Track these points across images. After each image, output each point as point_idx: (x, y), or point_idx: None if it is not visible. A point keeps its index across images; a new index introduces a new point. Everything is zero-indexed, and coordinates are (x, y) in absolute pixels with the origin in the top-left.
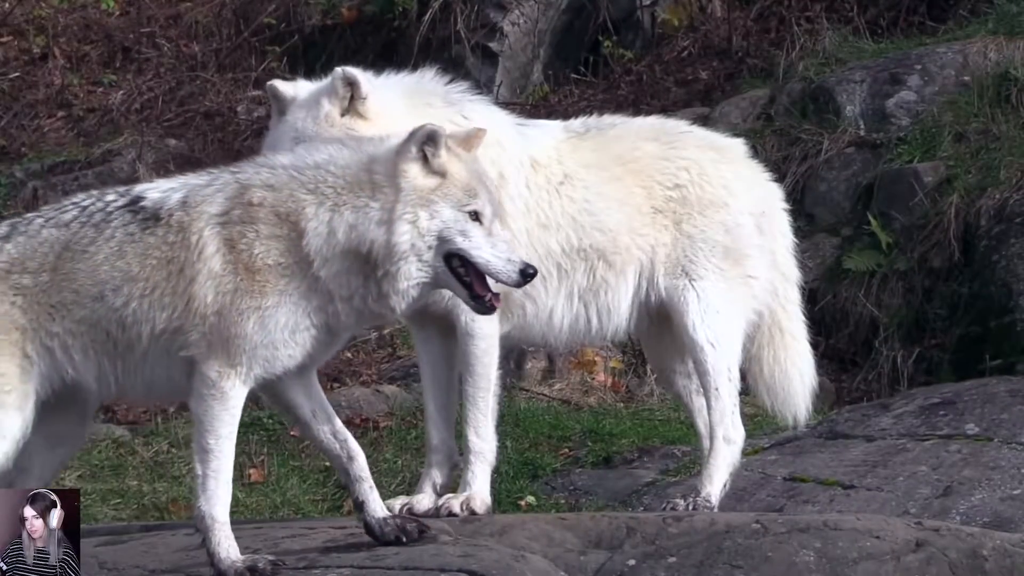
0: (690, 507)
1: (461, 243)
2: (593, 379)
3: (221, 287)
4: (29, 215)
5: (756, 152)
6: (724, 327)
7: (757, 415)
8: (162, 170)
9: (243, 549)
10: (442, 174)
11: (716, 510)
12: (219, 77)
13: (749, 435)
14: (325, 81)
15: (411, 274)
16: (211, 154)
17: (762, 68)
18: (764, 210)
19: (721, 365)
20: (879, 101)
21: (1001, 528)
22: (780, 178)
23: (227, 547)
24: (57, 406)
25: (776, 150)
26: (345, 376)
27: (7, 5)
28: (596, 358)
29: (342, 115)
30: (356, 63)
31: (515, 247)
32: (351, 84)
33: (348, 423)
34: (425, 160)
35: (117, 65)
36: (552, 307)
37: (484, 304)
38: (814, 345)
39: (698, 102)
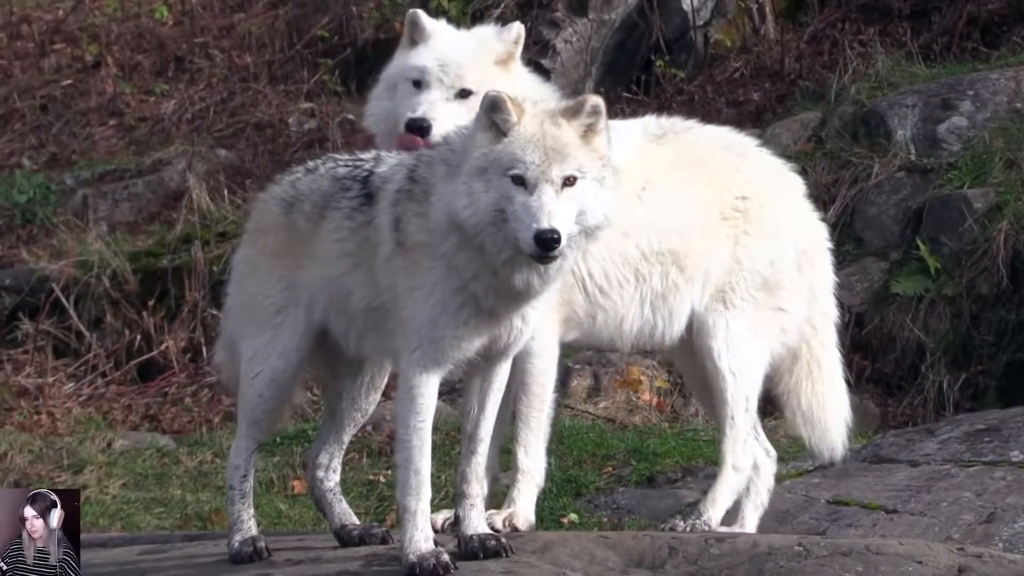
0: (688, 528)
1: (507, 209)
2: (638, 398)
3: (391, 267)
4: (323, 159)
5: (806, 174)
6: (748, 357)
7: (802, 437)
8: (212, 180)
9: (285, 561)
10: (500, 139)
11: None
12: (271, 89)
13: (793, 458)
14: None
15: (497, 244)
16: (261, 165)
17: (814, 91)
18: (808, 248)
19: (740, 395)
20: (930, 126)
21: None
22: (830, 201)
23: (420, 538)
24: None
25: (827, 173)
26: (391, 390)
27: (60, 13)
28: (642, 377)
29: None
30: None
31: (551, 211)
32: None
33: (392, 437)
34: (494, 127)
35: (169, 75)
36: (624, 314)
37: (542, 259)
38: (860, 368)
39: (750, 123)
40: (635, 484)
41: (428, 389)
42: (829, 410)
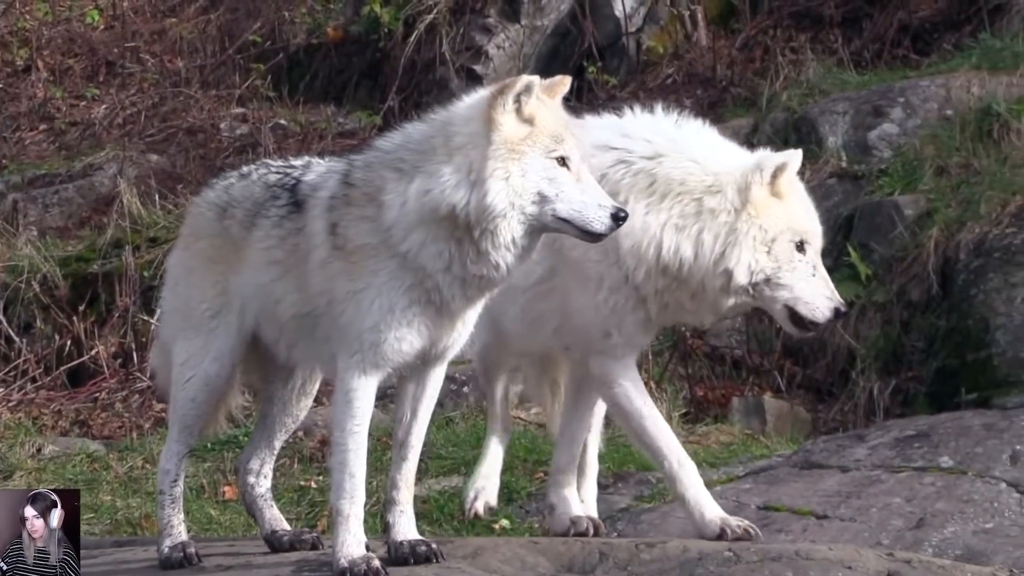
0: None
1: (549, 191)
2: None
3: (327, 272)
4: (257, 164)
5: None
6: None
7: (732, 443)
8: (143, 185)
9: (215, 567)
10: (531, 122)
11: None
12: (202, 93)
13: (724, 463)
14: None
15: (513, 227)
16: (193, 170)
17: (746, 97)
18: None
19: None
20: (861, 133)
21: (973, 561)
22: None
23: (351, 543)
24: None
25: None
26: (323, 396)
27: None
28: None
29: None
30: (341, 83)
31: (603, 191)
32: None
33: (324, 443)
34: (518, 110)
35: (100, 79)
36: None
37: (601, 238)
38: (792, 374)
39: None
40: None
41: (366, 393)
42: None
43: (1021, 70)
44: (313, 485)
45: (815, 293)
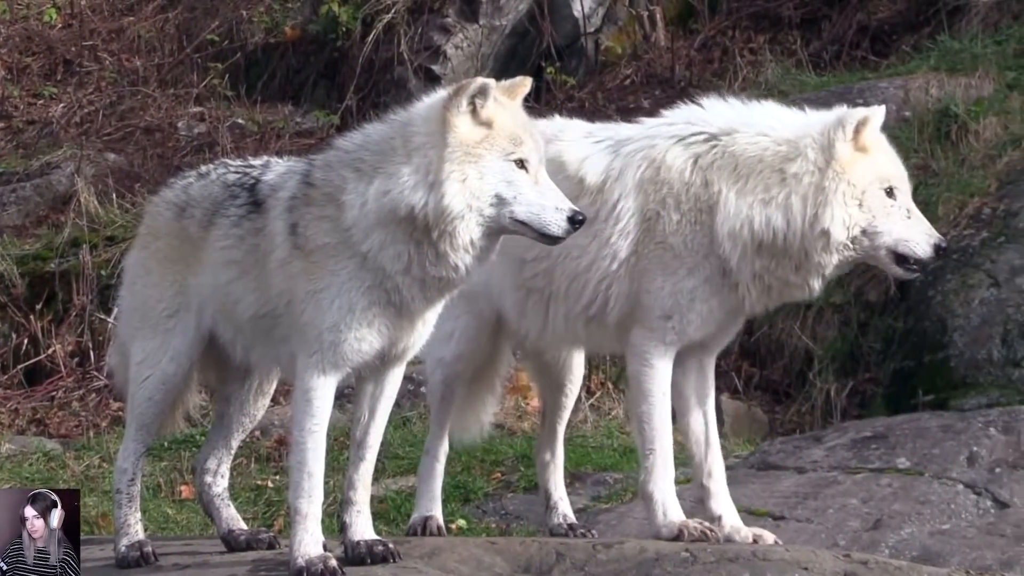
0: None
1: (507, 194)
2: (527, 404)
3: (287, 272)
4: (215, 163)
5: None
6: None
7: (680, 450)
8: (100, 184)
9: (172, 566)
10: (489, 124)
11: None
12: (160, 92)
13: (681, 464)
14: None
15: (471, 229)
16: (150, 170)
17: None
18: None
19: None
20: None
21: (929, 562)
22: None
23: (309, 542)
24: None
25: None
26: (280, 395)
27: None
28: (531, 383)
29: None
30: (298, 83)
31: (561, 193)
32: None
33: (280, 442)
34: (474, 112)
35: (58, 78)
36: None
37: (558, 241)
38: (748, 376)
39: None
40: (523, 490)
41: (325, 392)
42: None
43: (979, 72)
44: (270, 485)
45: (913, 232)
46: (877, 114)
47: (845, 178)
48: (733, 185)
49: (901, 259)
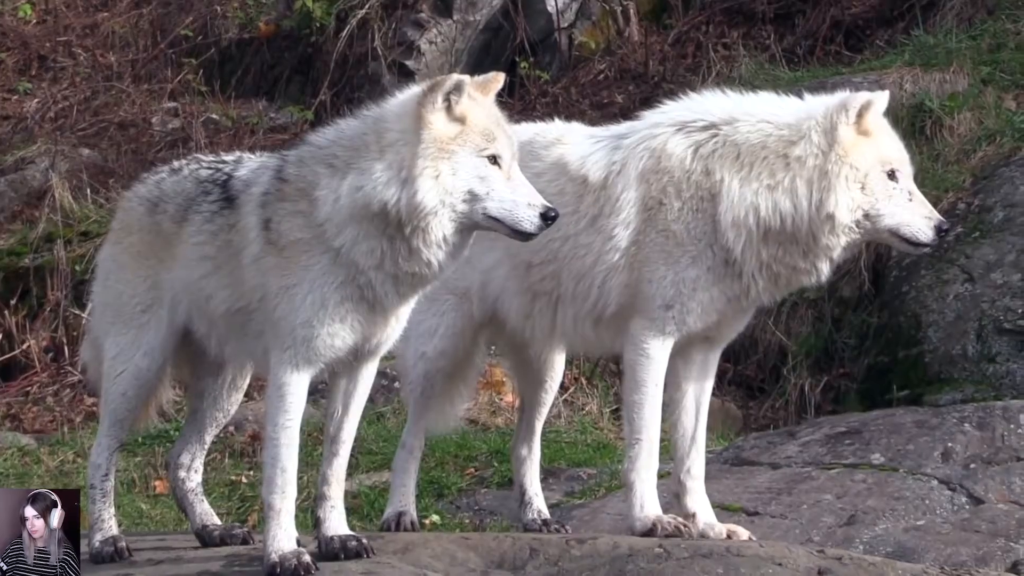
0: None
1: (480, 190)
2: (501, 399)
3: (260, 267)
4: (188, 159)
5: None
6: None
7: (663, 440)
8: (75, 179)
9: (146, 561)
10: (462, 120)
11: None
12: (134, 88)
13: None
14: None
15: (444, 225)
16: (124, 165)
17: (678, 93)
18: None
19: None
20: None
21: (904, 558)
22: None
23: (283, 537)
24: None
25: None
26: (253, 391)
27: None
28: (504, 379)
29: None
30: (272, 78)
31: (535, 189)
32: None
33: (254, 438)
34: (448, 109)
35: (32, 73)
36: None
37: (530, 237)
38: (723, 371)
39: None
40: (497, 486)
41: (298, 388)
42: None
43: (954, 67)
44: (244, 480)
45: (915, 216)
46: (881, 98)
47: (848, 161)
48: (736, 174)
49: (904, 241)
